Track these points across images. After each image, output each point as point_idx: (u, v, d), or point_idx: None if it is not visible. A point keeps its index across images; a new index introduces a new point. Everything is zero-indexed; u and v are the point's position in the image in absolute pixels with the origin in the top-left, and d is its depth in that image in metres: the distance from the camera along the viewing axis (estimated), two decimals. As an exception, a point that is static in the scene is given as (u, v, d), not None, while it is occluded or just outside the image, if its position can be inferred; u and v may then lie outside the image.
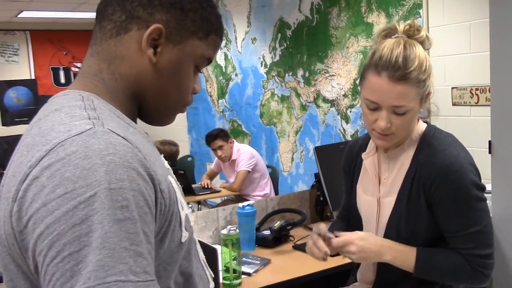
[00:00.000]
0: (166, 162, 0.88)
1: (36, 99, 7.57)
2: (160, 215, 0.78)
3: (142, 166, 0.74)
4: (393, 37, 1.40)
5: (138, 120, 0.93)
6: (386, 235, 1.48)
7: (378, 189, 1.54)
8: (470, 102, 3.42)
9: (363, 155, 1.59)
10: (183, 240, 0.85)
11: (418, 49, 1.36)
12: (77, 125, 0.75)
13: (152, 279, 0.71)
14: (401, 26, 1.40)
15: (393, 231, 1.47)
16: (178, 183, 0.89)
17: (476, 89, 3.38)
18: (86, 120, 0.76)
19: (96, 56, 0.87)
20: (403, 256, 1.43)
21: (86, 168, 0.70)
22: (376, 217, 1.54)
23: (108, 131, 0.75)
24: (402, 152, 1.48)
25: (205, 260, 1.02)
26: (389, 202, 1.50)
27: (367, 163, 1.57)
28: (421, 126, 1.50)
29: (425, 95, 1.40)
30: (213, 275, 1.03)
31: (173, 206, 0.81)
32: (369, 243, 1.42)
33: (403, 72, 1.32)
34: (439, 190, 1.39)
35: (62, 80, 7.88)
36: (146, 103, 0.90)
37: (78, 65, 7.93)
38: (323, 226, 1.50)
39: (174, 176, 0.88)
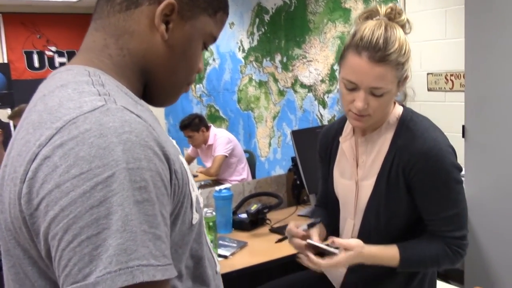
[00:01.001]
0: (174, 142, 0.85)
1: (9, 83, 7.41)
2: (173, 197, 0.75)
3: (157, 145, 0.71)
4: (374, 19, 1.41)
5: None
6: (365, 218, 1.50)
7: (356, 172, 1.55)
8: (445, 87, 3.47)
9: (341, 139, 1.60)
10: (194, 222, 0.83)
11: (399, 32, 1.37)
12: (87, 102, 0.71)
13: (170, 262, 0.69)
14: (383, 9, 1.41)
15: (372, 213, 1.48)
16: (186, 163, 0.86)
17: (451, 75, 3.43)
18: (96, 96, 0.72)
19: (102, 30, 0.83)
20: (385, 249, 1.44)
21: (102, 147, 0.66)
22: (354, 200, 1.55)
23: (121, 108, 0.71)
24: (379, 135, 1.50)
25: (210, 242, 0.99)
26: (367, 185, 1.51)
27: (344, 146, 1.58)
28: (398, 110, 1.51)
29: (403, 78, 1.41)
30: (217, 258, 1.00)
31: (185, 187, 0.79)
32: (362, 258, 1.43)
33: (383, 54, 1.33)
34: (419, 174, 1.41)
35: (36, 64, 7.72)
36: (153, 81, 0.86)
37: (53, 49, 7.78)
38: (315, 234, 1.49)
39: (183, 156, 0.85)
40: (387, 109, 1.46)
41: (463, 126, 2.91)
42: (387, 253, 1.44)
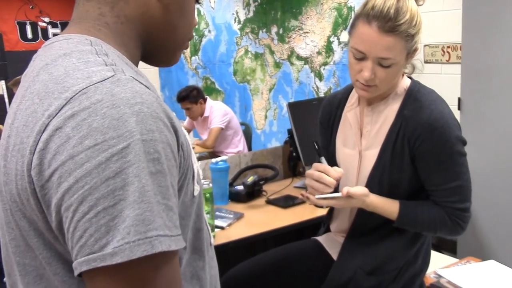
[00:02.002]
0: (174, 114, 0.84)
1: (2, 55, 7.33)
2: (179, 168, 0.75)
3: (167, 117, 0.71)
4: None
5: None
6: (367, 187, 1.51)
7: (360, 142, 1.56)
8: (441, 59, 3.46)
9: (346, 108, 1.60)
10: (195, 193, 0.84)
11: (411, 3, 1.37)
12: (95, 72, 0.70)
13: (180, 233, 0.69)
14: None
15: (375, 183, 1.50)
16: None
17: (448, 47, 3.41)
18: (103, 66, 0.71)
19: (95, 0, 0.81)
20: (387, 203, 1.48)
21: (115, 118, 0.65)
22: (357, 169, 1.56)
23: (131, 78, 0.70)
24: (386, 105, 1.50)
25: (206, 214, 0.99)
26: (371, 155, 1.52)
27: (349, 115, 1.59)
28: (406, 81, 1.51)
29: (412, 50, 1.41)
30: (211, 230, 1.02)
31: (189, 159, 0.79)
32: (363, 205, 1.49)
33: (394, 24, 1.33)
34: (424, 145, 1.42)
35: (29, 35, 7.62)
36: (154, 44, 0.86)
37: (46, 19, 7.68)
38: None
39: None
40: (394, 80, 1.45)
41: (459, 99, 2.92)
42: (388, 206, 1.48)
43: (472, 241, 2.87)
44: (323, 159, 1.55)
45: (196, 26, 5.86)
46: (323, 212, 1.99)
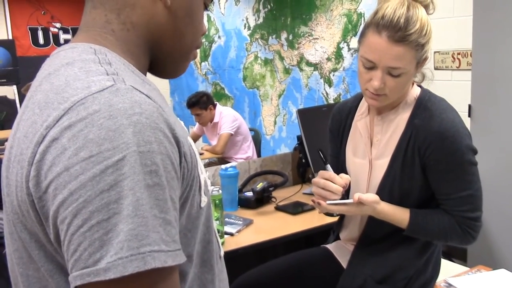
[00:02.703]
0: (182, 123, 0.82)
1: (14, 60, 7.39)
2: (183, 180, 0.73)
3: (168, 127, 0.69)
4: None
5: None
6: (378, 196, 1.50)
7: (370, 151, 1.55)
8: (451, 66, 3.45)
9: (356, 117, 1.60)
10: (202, 205, 0.81)
11: (421, 12, 1.36)
12: (95, 81, 0.68)
13: (179, 248, 0.68)
14: None
15: (386, 192, 1.49)
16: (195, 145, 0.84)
17: (458, 54, 3.40)
18: (104, 75, 0.70)
19: (101, 7, 0.80)
20: (397, 211, 1.47)
21: (112, 129, 0.64)
22: (367, 178, 1.56)
23: (131, 88, 0.69)
24: (396, 114, 1.50)
25: (215, 224, 0.97)
26: (382, 164, 1.52)
27: (359, 124, 1.58)
28: (416, 90, 1.51)
29: (422, 59, 1.40)
30: (220, 242, 0.99)
31: (194, 170, 0.77)
32: (373, 212, 1.48)
33: (403, 34, 1.33)
34: (435, 153, 1.42)
35: (41, 41, 7.70)
36: (162, 51, 0.84)
37: (57, 25, 7.75)
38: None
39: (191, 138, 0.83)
40: (404, 89, 1.45)
41: (469, 106, 2.91)
42: (399, 214, 1.47)
43: (482, 250, 2.85)
44: (328, 166, 1.55)
45: (206, 32, 5.88)
46: (332, 219, 1.99)
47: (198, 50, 0.93)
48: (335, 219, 1.82)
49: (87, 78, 0.69)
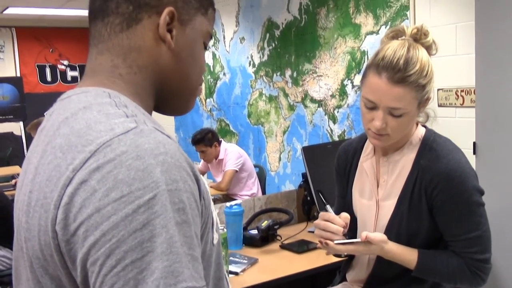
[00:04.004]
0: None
1: (21, 96, 7.50)
2: (201, 217, 0.75)
3: (189, 166, 0.71)
4: (399, 39, 1.41)
5: None
6: None
7: (377, 192, 1.55)
8: (455, 103, 3.46)
9: (362, 158, 1.60)
10: (214, 242, 0.83)
11: (422, 53, 1.37)
12: (118, 124, 0.70)
13: (205, 284, 0.69)
14: (409, 29, 1.42)
15: (393, 234, 1.48)
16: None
17: (462, 91, 3.42)
18: (125, 117, 0.72)
19: (107, 53, 0.82)
20: (405, 251, 1.45)
21: (141, 169, 0.66)
22: (374, 219, 1.55)
23: (153, 129, 0.71)
24: (402, 155, 1.50)
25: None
26: (389, 205, 1.51)
27: (365, 165, 1.58)
28: (421, 131, 1.51)
29: (423, 99, 1.41)
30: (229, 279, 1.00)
31: (209, 207, 0.79)
32: (381, 252, 1.46)
33: (403, 75, 1.34)
34: (442, 194, 1.41)
35: (48, 78, 7.82)
36: (168, 92, 0.86)
37: (65, 62, 7.87)
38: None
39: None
40: (407, 129, 1.45)
41: (474, 143, 2.90)
42: (407, 254, 1.45)
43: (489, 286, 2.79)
44: (328, 207, 1.54)
45: (212, 69, 5.96)
46: (337, 259, 1.96)
47: (203, 87, 0.94)
48: (341, 258, 1.80)
49: (109, 121, 0.71)
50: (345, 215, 1.48)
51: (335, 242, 1.46)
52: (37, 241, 0.71)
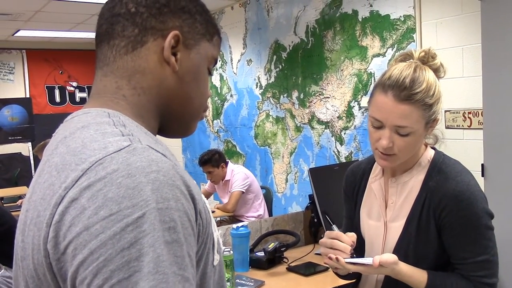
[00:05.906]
0: (194, 182, 0.84)
1: (30, 117, 7.57)
2: (198, 237, 0.73)
3: (184, 185, 0.71)
4: (407, 62, 1.42)
5: None
6: None
7: (385, 213, 1.54)
8: (463, 125, 3.46)
9: (370, 179, 1.59)
10: (215, 263, 0.82)
11: (428, 74, 1.38)
12: (112, 142, 0.70)
13: None
14: (417, 53, 1.44)
15: (401, 255, 1.46)
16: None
17: (469, 113, 3.41)
18: (120, 136, 0.72)
19: (111, 75, 0.83)
20: (416, 272, 1.43)
21: (131, 187, 0.65)
22: (382, 241, 1.53)
23: (147, 147, 0.71)
24: (410, 177, 1.49)
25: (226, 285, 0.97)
26: (397, 227, 1.49)
27: (374, 186, 1.57)
28: (430, 152, 1.50)
29: (431, 119, 1.40)
30: None
31: (208, 228, 0.78)
32: (392, 273, 1.43)
33: (409, 92, 1.34)
34: (450, 216, 1.40)
35: (57, 99, 7.89)
36: (171, 114, 0.87)
37: (74, 84, 7.95)
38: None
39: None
40: (414, 149, 1.44)
41: (482, 165, 2.89)
42: (417, 275, 1.43)
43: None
44: (334, 226, 1.53)
45: (219, 91, 5.99)
46: (345, 281, 1.94)
47: (210, 108, 0.94)
48: (349, 281, 1.78)
49: (104, 139, 0.71)
50: (351, 234, 1.47)
51: (346, 261, 1.45)
52: (31, 260, 0.71)
